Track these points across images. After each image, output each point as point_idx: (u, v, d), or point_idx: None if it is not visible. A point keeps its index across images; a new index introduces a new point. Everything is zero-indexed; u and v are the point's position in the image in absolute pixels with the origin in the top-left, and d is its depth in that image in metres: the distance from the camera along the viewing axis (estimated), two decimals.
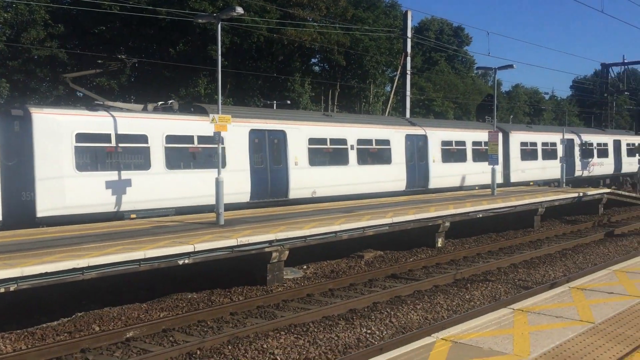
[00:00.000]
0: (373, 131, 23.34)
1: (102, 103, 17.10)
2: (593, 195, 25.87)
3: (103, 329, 10.47)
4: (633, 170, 40.29)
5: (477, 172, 27.15)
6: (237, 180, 18.17)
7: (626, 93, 63.71)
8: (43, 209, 14.46)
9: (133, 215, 16.22)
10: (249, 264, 13.51)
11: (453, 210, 18.37)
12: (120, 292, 12.53)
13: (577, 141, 35.59)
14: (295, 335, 10.03)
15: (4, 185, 13.91)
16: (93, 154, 15.40)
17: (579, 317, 7.31)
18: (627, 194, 30.34)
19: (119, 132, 15.93)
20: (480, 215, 19.51)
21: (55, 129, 14.82)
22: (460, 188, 26.72)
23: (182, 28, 36.69)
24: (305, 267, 15.63)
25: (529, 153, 31.54)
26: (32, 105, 15.92)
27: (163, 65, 36.40)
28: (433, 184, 25.68)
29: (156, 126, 16.73)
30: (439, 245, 18.21)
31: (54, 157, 14.69)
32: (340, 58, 44.96)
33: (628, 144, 41.07)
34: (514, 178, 30.54)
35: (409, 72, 32.93)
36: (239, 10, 14.85)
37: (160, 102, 18.84)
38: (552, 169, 32.19)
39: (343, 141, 21.87)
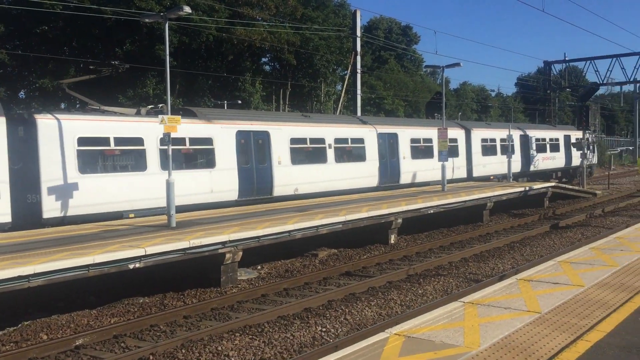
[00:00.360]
0: (349, 130, 24.40)
1: (98, 108, 17.54)
2: (539, 189, 26.67)
3: (51, 337, 10.17)
4: (576, 164, 41.31)
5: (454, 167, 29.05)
6: (226, 180, 19.03)
7: (568, 89, 65.94)
8: (49, 210, 15.03)
9: (132, 215, 16.69)
10: (203, 266, 13.37)
11: (405, 207, 18.62)
12: (69, 298, 12.20)
13: (532, 137, 37.22)
14: (250, 337, 9.98)
15: (12, 188, 14.35)
16: (94, 156, 16.00)
17: (527, 307, 7.53)
18: (570, 187, 31.41)
19: (117, 135, 16.57)
20: (432, 211, 19.83)
21: (59, 133, 15.35)
22: (427, 183, 27.64)
23: (129, 27, 35.93)
24: (259, 267, 15.57)
25: (488, 149, 33.05)
26: (36, 110, 16.28)
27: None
28: (403, 179, 26.76)
29: (151, 129, 17.17)
30: (392, 241, 18.43)
31: (58, 160, 15.25)
32: (291, 57, 44.94)
33: (577, 139, 41.49)
34: (476, 172, 32.03)
35: (359, 70, 33.18)
36: (187, 9, 14.64)
37: (151, 106, 19.73)
38: (500, 164, 33.65)
39: (322, 140, 22.86)
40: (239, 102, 38.75)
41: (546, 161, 38.77)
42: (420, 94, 67.34)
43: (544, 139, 38.66)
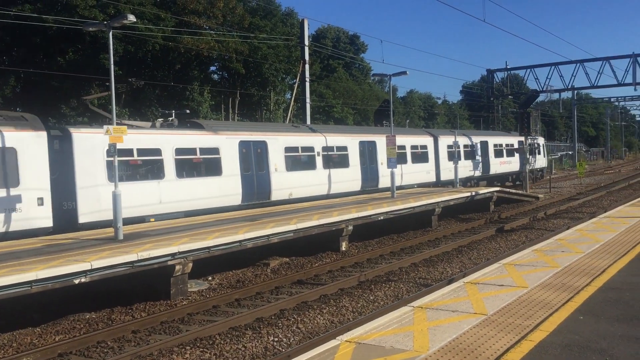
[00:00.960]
0: (334, 139, 26.38)
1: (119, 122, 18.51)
2: (484, 194, 27.36)
3: None
4: (537, 167, 46.52)
5: (415, 172, 30.86)
6: (231, 185, 20.88)
7: (510, 97, 67.98)
8: (84, 214, 16.78)
9: (152, 219, 18.38)
10: (152, 279, 13.12)
11: (355, 214, 18.78)
12: (11, 316, 11.74)
13: (491, 143, 40.00)
14: (201, 349, 9.85)
15: (52, 196, 15.98)
16: (120, 166, 16.61)
17: (474, 310, 7.71)
18: (514, 191, 32.34)
19: (139, 146, 18.26)
20: (382, 218, 20.07)
21: (91, 146, 17.04)
22: (401, 187, 29.24)
23: (72, 36, 35.08)
24: (210, 278, 15.39)
25: (453, 154, 35.02)
26: (71, 125, 18.88)
27: (50, 75, 34.59)
28: (382, 183, 28.57)
29: (167, 140, 19.14)
30: (343, 248, 18.55)
31: (90, 170, 16.94)
32: (239, 66, 44.78)
33: (529, 145, 43.57)
34: (443, 176, 34.27)
35: (307, 79, 33.30)
36: (131, 18, 14.42)
37: (162, 119, 21.83)
38: (472, 167, 37.39)
39: (311, 149, 24.99)
40: (187, 111, 38.23)
41: (503, 165, 41.49)
42: (369, 102, 68.13)
43: (501, 145, 41.50)
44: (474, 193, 26.42)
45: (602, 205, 30.34)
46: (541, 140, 49.87)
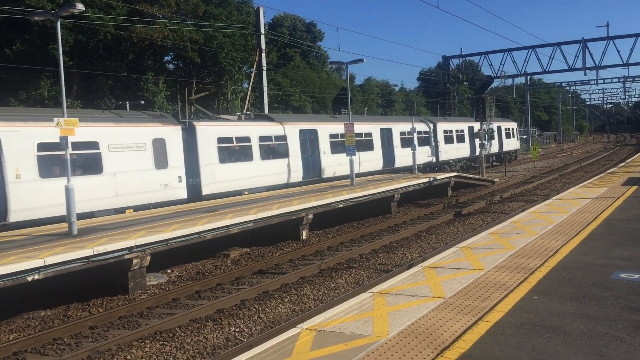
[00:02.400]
0: (362, 127, 30.62)
1: (217, 116, 24.77)
2: (442, 179, 27.74)
3: None
4: (511, 149, 52.26)
5: (363, 161, 31.57)
6: (295, 166, 25.81)
7: (465, 83, 69.02)
8: (205, 187, 21.50)
9: (246, 192, 23.14)
10: (108, 274, 12.86)
11: (315, 202, 18.79)
12: None
13: (474, 129, 42.71)
14: (161, 343, 9.73)
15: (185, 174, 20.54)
16: (225, 151, 22.43)
17: (432, 293, 7.82)
18: (471, 176, 32.92)
19: (237, 135, 23.15)
20: (342, 205, 20.14)
21: (207, 135, 21.80)
22: (372, 172, 31.57)
23: (19, 26, 33.88)
24: (169, 271, 15.20)
25: (448, 138, 39.86)
26: (194, 120, 23.41)
27: None
28: (397, 163, 33.79)
29: (254, 130, 24.17)
30: (304, 237, 18.56)
31: (207, 153, 21.63)
32: (195, 55, 44.08)
33: (505, 129, 50.87)
34: (441, 157, 38.92)
35: (264, 68, 33.05)
36: (80, 6, 13.96)
37: (239, 113, 28.25)
38: (463, 150, 41.77)
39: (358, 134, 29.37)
40: (142, 102, 37.51)
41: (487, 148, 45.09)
42: (327, 90, 68.10)
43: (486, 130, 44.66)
44: (432, 179, 26.77)
45: (555, 187, 31.19)
46: (514, 125, 54.83)
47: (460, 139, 41.94)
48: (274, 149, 25.01)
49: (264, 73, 33.07)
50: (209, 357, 9.12)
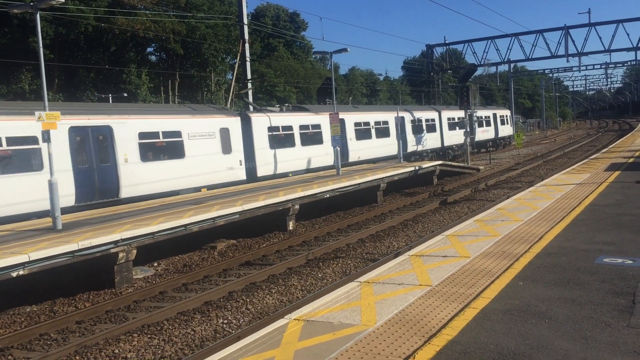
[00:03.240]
0: (380, 115, 34.88)
1: (264, 108, 29.45)
2: (427, 167, 27.85)
3: None
4: (506, 135, 56.14)
5: (379, 146, 34.48)
6: (327, 150, 28.83)
7: (449, 71, 69.15)
8: (260, 169, 25.15)
9: (290, 174, 26.73)
10: (94, 268, 12.78)
11: (301, 193, 18.78)
12: None
13: (478, 115, 47.34)
14: (149, 336, 9.70)
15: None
16: (275, 138, 26.17)
17: (419, 282, 7.87)
18: (456, 164, 33.08)
19: (282, 124, 26.80)
20: (328, 196, 20.15)
21: (260, 125, 25.54)
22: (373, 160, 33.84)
23: None
24: (156, 264, 15.14)
25: (452, 125, 43.43)
26: (249, 112, 26.81)
27: None
28: (409, 148, 37.27)
29: (295, 120, 27.89)
30: (291, 228, 18.56)
31: (260, 140, 25.33)
32: (178, 47, 43.75)
33: (500, 116, 55.27)
34: (446, 143, 42.50)
35: (248, 59, 32.85)
36: None
37: (279, 105, 32.38)
38: (458, 137, 42.49)
39: (368, 123, 33.56)
40: (125, 95, 37.17)
41: (483, 133, 49.51)
42: (311, 80, 67.96)
43: (485, 117, 50.30)
44: (417, 167, 26.86)
45: (539, 174, 31.43)
46: (508, 112, 59.81)
47: (463, 125, 43.29)
48: (311, 136, 28.63)
49: (248, 64, 32.87)
50: (197, 350, 9.10)
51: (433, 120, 41.06)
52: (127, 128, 19.38)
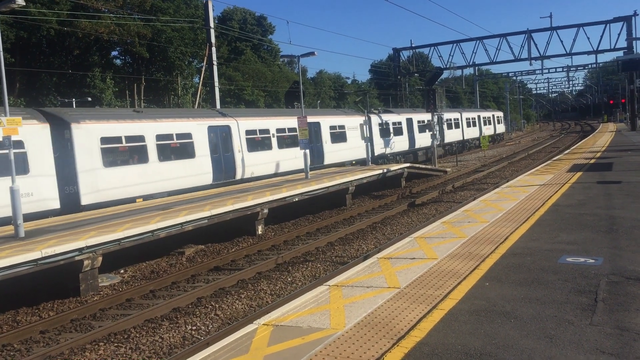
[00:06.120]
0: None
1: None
2: (395, 170, 28.07)
3: None
4: (500, 132, 67.09)
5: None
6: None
7: (416, 74, 69.88)
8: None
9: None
10: (59, 276, 12.53)
11: (270, 197, 18.72)
12: None
13: (464, 116, 54.51)
14: (116, 344, 9.54)
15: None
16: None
17: (387, 284, 7.91)
18: (424, 166, 33.41)
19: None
20: (297, 199, 20.14)
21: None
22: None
23: None
24: (122, 271, 14.91)
25: (449, 125, 49.75)
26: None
27: None
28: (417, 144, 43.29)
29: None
30: (260, 232, 18.49)
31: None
32: (143, 50, 43.23)
33: (497, 117, 66.35)
34: (446, 140, 49.12)
35: (215, 62, 32.65)
36: (20, 1, 13.49)
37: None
38: (425, 139, 44.42)
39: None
40: (89, 99, 36.54)
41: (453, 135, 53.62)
42: (279, 84, 67.86)
43: (451, 119, 53.24)
44: (385, 170, 27.04)
45: (504, 175, 31.98)
46: (501, 113, 71.36)
47: (458, 125, 53.26)
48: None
49: (215, 67, 32.69)
50: (165, 357, 8.99)
51: (430, 121, 43.97)
52: (238, 127, 25.36)
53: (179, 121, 22.91)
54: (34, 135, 17.46)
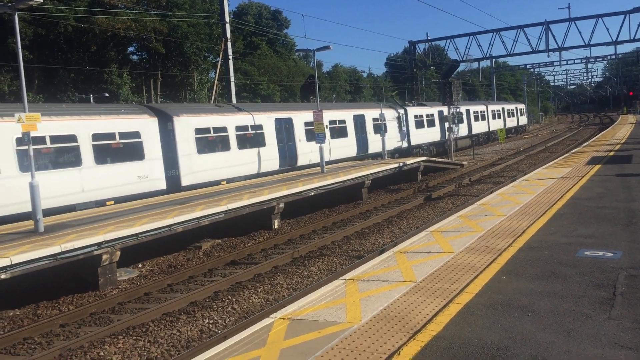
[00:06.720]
0: (426, 110, 42.61)
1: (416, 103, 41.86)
2: (411, 164, 27.96)
3: None
4: (522, 124, 70.91)
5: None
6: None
7: (432, 67, 69.41)
8: (412, 139, 38.62)
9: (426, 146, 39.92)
10: (78, 271, 12.69)
11: (286, 191, 18.77)
12: None
13: (490, 108, 57.16)
14: (135, 338, 9.65)
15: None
16: (419, 122, 39.68)
17: (403, 278, 7.91)
18: (440, 160, 33.27)
19: (424, 113, 40.69)
20: (312, 193, 20.16)
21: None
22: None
23: None
24: (140, 265, 15.05)
25: (476, 117, 51.88)
26: (406, 105, 39.69)
27: None
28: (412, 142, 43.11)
29: (430, 111, 41.22)
30: (276, 226, 18.54)
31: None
32: (159, 46, 43.43)
33: (520, 109, 69.90)
34: (473, 131, 51.50)
35: (230, 57, 32.71)
36: None
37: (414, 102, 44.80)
38: (432, 134, 45.64)
39: (432, 115, 42.96)
40: (106, 95, 36.83)
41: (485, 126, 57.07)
42: (295, 78, 67.83)
43: (497, 110, 59.85)
44: (401, 164, 26.95)
45: (521, 168, 31.71)
46: (524, 106, 75.60)
47: (484, 117, 55.58)
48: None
49: (231, 62, 32.75)
50: (183, 350, 9.08)
51: (460, 113, 46.50)
52: (298, 120, 27.73)
53: (253, 114, 25.88)
54: (147, 127, 20.42)
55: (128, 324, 10.21)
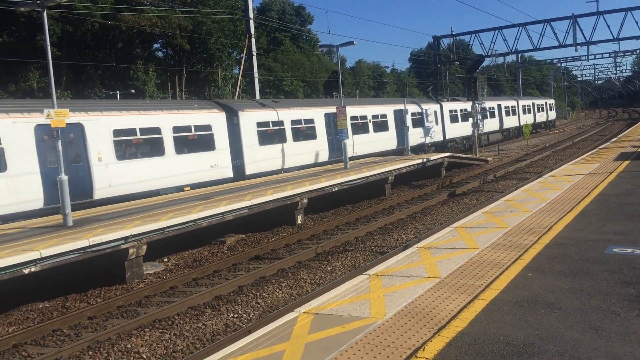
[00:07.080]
0: (456, 105, 43.59)
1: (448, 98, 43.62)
2: (435, 159, 27.79)
3: None
4: (552, 118, 73.51)
5: (492, 122, 45.53)
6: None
7: (456, 62, 68.79)
8: (447, 133, 41.28)
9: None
10: (105, 264, 12.89)
11: (309, 187, 18.81)
12: None
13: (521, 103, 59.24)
14: (161, 330, 9.79)
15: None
16: (454, 117, 40.96)
17: (427, 274, 7.88)
18: (464, 155, 32.99)
19: (458, 108, 42.54)
20: (336, 189, 20.17)
21: (448, 109, 39.88)
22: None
23: (5, 18, 33.50)
24: (166, 259, 15.24)
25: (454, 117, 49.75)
26: (440, 101, 40.37)
27: None
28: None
29: (458, 106, 42.43)
30: (299, 222, 18.61)
31: (448, 120, 40.02)
32: (184, 42, 43.77)
33: (549, 104, 72.50)
34: (505, 126, 53.26)
35: (254, 53, 32.82)
36: None
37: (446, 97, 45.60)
38: (490, 124, 49.85)
39: (465, 110, 43.11)
40: (132, 91, 37.26)
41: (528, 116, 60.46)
42: (318, 74, 67.82)
43: (527, 105, 61.74)
44: (425, 160, 26.81)
45: (548, 164, 31.30)
46: (552, 101, 77.25)
47: (515, 112, 57.12)
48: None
49: (254, 58, 32.87)
50: (208, 343, 9.18)
51: (493, 107, 50.22)
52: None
53: (305, 109, 28.08)
54: (217, 120, 22.46)
55: (154, 317, 10.36)
